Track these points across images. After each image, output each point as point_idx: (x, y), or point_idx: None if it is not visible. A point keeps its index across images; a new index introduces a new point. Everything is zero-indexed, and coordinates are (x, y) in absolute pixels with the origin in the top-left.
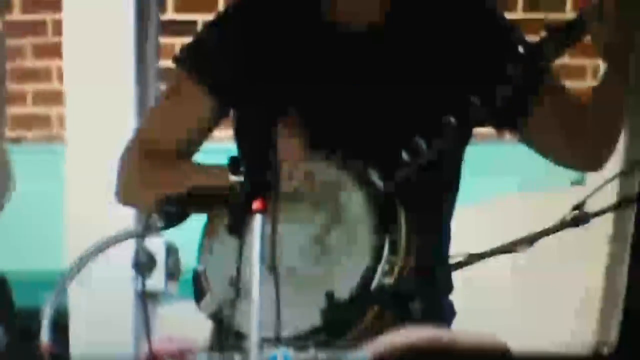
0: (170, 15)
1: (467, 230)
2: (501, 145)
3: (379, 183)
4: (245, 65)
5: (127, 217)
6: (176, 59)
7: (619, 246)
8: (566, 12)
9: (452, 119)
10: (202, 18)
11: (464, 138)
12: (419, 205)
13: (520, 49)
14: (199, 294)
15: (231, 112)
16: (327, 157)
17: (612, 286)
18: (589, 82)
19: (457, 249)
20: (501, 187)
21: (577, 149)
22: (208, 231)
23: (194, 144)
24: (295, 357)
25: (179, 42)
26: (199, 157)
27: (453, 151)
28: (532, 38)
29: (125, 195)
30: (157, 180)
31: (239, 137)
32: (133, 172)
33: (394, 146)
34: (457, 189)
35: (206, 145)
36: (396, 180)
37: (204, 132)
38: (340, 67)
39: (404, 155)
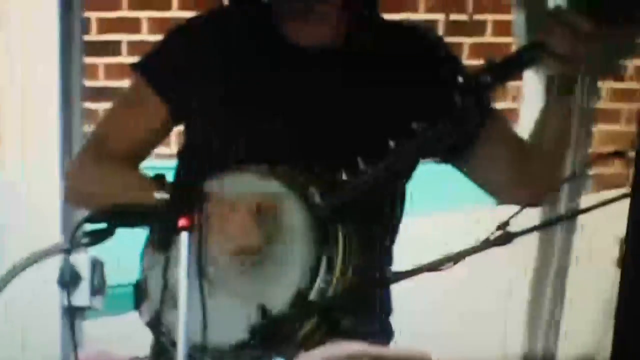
0: (94, 36)
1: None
2: (428, 165)
3: (320, 202)
4: (200, 78)
5: (54, 232)
6: (135, 65)
7: (544, 264)
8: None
9: (394, 144)
10: (125, 38)
11: (408, 167)
12: (358, 226)
13: (460, 79)
14: (138, 302)
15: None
16: (270, 172)
17: (536, 300)
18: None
19: None
20: (428, 206)
21: (519, 186)
22: (150, 242)
23: (144, 149)
24: None
25: (102, 62)
26: None
27: (395, 176)
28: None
29: (74, 196)
30: (102, 187)
31: (182, 150)
32: (82, 175)
33: (336, 166)
34: (399, 214)
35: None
36: (335, 199)
37: (155, 138)
38: (291, 87)
39: (344, 176)
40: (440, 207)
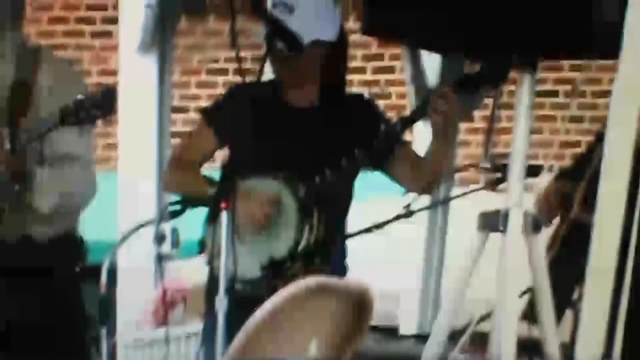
0: (175, 102)
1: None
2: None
3: (303, 194)
4: (236, 122)
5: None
6: (200, 112)
7: (431, 231)
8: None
9: (346, 162)
10: (192, 105)
11: (354, 173)
12: (326, 208)
13: (384, 126)
14: (201, 251)
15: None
16: (275, 177)
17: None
18: None
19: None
20: (368, 195)
21: (417, 183)
22: (207, 216)
23: (203, 161)
24: None
25: (180, 117)
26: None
27: (348, 179)
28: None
29: (165, 186)
30: (179, 181)
31: (225, 163)
32: (169, 174)
33: (313, 174)
34: (350, 199)
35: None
36: (313, 193)
37: (209, 155)
38: (288, 130)
39: (317, 179)
40: (382, 195)
